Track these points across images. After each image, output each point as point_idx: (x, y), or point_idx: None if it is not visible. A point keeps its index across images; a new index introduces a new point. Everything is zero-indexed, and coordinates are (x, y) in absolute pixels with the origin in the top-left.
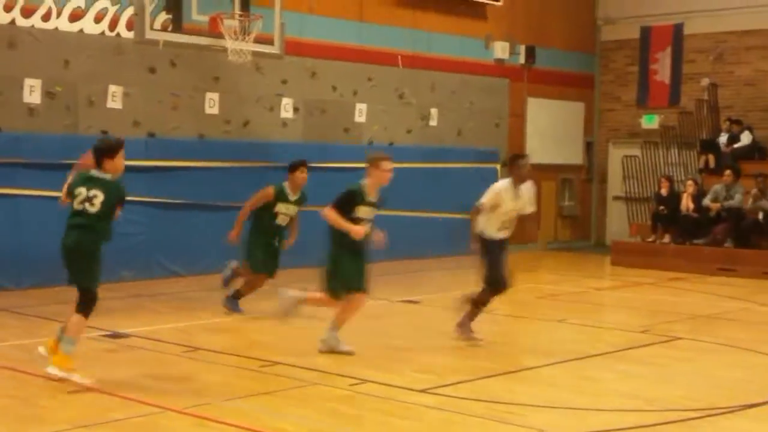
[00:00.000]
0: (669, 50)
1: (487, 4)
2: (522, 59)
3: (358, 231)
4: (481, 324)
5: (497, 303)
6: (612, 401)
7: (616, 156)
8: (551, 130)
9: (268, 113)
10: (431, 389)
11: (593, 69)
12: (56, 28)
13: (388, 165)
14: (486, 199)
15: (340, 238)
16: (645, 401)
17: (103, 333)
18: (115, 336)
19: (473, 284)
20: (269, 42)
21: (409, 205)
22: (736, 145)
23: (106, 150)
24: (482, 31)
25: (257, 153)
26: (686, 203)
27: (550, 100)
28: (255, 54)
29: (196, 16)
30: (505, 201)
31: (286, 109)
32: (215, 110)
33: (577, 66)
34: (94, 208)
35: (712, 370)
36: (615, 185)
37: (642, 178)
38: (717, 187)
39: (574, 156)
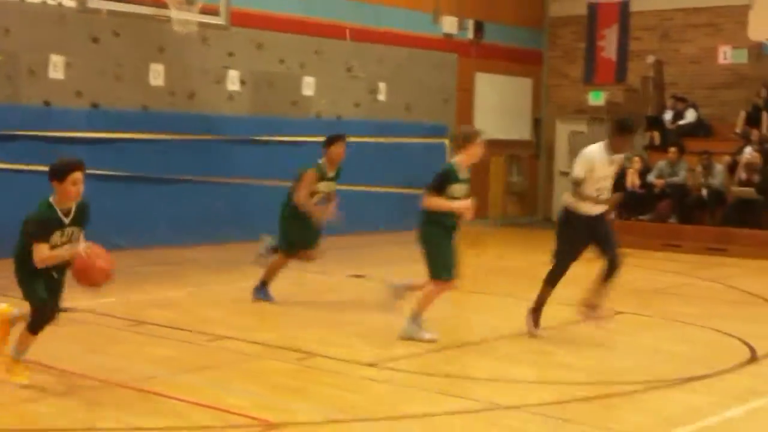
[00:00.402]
0: (615, 27)
1: None
2: (470, 34)
3: (464, 207)
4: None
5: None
6: (558, 374)
7: (563, 132)
8: (499, 105)
9: (215, 85)
10: (379, 363)
11: (541, 45)
12: None
13: (481, 139)
14: (578, 169)
15: (437, 218)
16: (590, 374)
17: None
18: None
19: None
20: (215, 12)
21: (357, 179)
22: (680, 123)
23: (51, 173)
24: (430, 5)
25: (203, 126)
26: (632, 179)
27: (498, 75)
28: (200, 25)
29: None
30: (598, 167)
31: (233, 81)
32: (160, 81)
33: (525, 42)
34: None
35: (656, 343)
36: (562, 161)
37: None
38: (661, 163)
39: (522, 132)
